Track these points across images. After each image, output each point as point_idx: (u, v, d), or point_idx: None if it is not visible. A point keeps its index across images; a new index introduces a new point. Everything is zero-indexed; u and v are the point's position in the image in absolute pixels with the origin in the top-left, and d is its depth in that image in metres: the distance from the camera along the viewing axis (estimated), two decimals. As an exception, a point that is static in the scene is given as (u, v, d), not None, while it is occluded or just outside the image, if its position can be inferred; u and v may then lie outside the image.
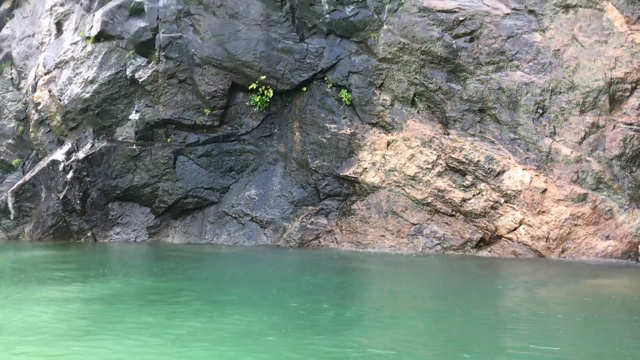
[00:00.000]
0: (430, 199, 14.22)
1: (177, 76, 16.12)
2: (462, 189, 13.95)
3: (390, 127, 14.95)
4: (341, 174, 15.21)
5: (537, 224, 13.13)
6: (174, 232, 16.68)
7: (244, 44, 15.74)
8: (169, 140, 16.45)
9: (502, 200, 13.54)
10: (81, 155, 16.62)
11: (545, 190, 13.21)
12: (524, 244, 13.24)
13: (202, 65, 15.94)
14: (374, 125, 15.15)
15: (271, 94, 15.78)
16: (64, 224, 16.61)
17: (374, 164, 14.95)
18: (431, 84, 14.56)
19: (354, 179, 15.10)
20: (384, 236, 14.47)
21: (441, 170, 14.21)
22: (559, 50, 13.74)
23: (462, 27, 14.36)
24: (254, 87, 15.82)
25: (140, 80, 16.26)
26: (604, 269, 11.19)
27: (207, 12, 16.01)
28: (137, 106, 16.56)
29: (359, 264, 12.20)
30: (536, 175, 13.37)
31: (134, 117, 16.56)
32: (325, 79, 15.63)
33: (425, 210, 14.29)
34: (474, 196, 13.82)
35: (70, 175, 16.43)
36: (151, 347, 5.85)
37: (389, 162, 14.78)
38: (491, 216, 13.62)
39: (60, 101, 17.01)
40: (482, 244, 13.64)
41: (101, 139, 16.78)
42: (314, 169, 15.54)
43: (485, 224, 13.67)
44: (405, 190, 14.52)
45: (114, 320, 6.95)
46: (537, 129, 13.67)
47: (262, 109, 16.18)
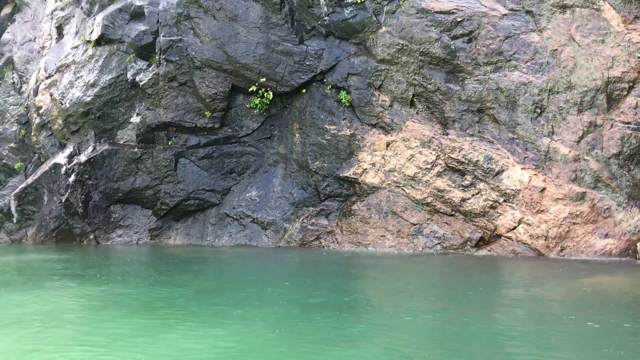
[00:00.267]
0: (429, 199, 14.32)
1: (178, 79, 16.23)
2: (461, 188, 14.05)
3: (389, 128, 15.05)
4: (341, 175, 15.31)
5: (536, 223, 13.22)
6: (176, 234, 16.79)
7: (243, 47, 15.85)
8: (170, 142, 16.56)
9: (501, 199, 13.63)
10: (83, 158, 16.73)
11: (544, 189, 13.30)
12: (523, 243, 13.33)
13: (202, 68, 16.05)
14: (374, 126, 15.25)
15: (271, 96, 15.89)
16: (67, 226, 16.72)
17: (373, 165, 15.04)
18: (430, 84, 14.66)
19: (354, 180, 15.20)
20: (384, 236, 14.57)
21: (440, 170, 14.31)
22: (556, 50, 13.84)
23: (460, 28, 14.46)
24: (254, 90, 15.92)
25: (141, 83, 16.37)
26: (602, 267, 11.27)
27: (207, 15, 16.12)
28: (138, 109, 16.67)
29: (360, 264, 12.29)
30: (535, 174, 13.46)
31: (135, 120, 16.68)
32: (324, 80, 15.74)
33: (425, 210, 14.39)
34: (473, 196, 13.91)
35: (72, 178, 16.55)
36: (151, 348, 5.95)
37: (388, 163, 14.88)
38: (490, 215, 13.71)
39: (61, 105, 17.12)
40: (481, 243, 13.74)
41: (103, 142, 16.90)
42: (314, 170, 15.64)
43: (484, 224, 13.77)
44: (405, 190, 14.62)
45: (111, 322, 7.04)
46: (535, 129, 13.76)
47: (262, 111, 16.29)
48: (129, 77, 16.54)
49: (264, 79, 15.79)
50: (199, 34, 16.16)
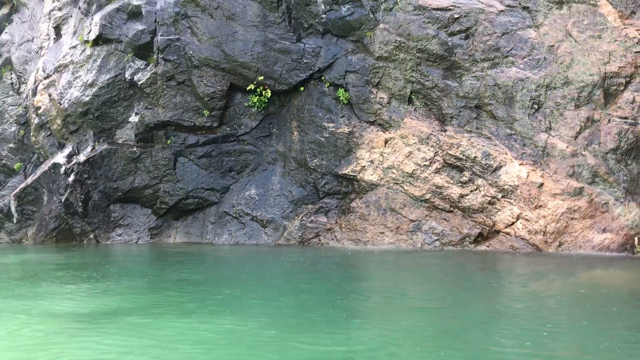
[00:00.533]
0: (428, 196, 14.37)
1: (176, 78, 16.26)
2: (459, 185, 14.09)
3: (387, 125, 15.09)
4: (340, 173, 15.36)
5: (534, 218, 13.27)
6: (176, 232, 16.84)
7: (241, 45, 15.88)
8: (168, 141, 16.60)
9: (500, 195, 13.68)
10: (82, 158, 16.78)
11: (541, 184, 13.34)
12: (522, 238, 13.38)
13: (200, 66, 16.08)
14: (372, 123, 15.29)
15: (269, 94, 15.93)
16: (67, 226, 16.77)
17: (372, 162, 15.09)
18: (427, 81, 14.70)
19: (352, 177, 15.25)
20: (383, 233, 14.62)
21: (439, 166, 14.35)
22: (553, 45, 13.87)
23: (457, 25, 14.49)
24: (252, 88, 15.96)
25: (139, 82, 16.40)
26: (600, 262, 11.32)
27: (204, 14, 16.15)
28: (137, 109, 16.71)
29: (358, 261, 12.34)
30: (533, 170, 13.51)
31: (134, 119, 16.71)
32: (322, 78, 15.77)
33: (423, 206, 14.44)
34: (471, 192, 13.96)
35: (71, 178, 16.59)
36: (150, 344, 6.00)
37: (387, 160, 14.93)
38: (489, 211, 13.76)
39: (60, 105, 17.16)
40: (480, 239, 13.79)
41: (101, 141, 16.94)
42: (312, 167, 15.69)
43: (483, 219, 13.82)
44: (403, 187, 14.67)
45: (111, 318, 7.10)
46: (532, 124, 13.80)
47: (260, 109, 16.33)
48: (127, 76, 16.57)
49: (261, 77, 15.83)
50: (196, 33, 16.18)
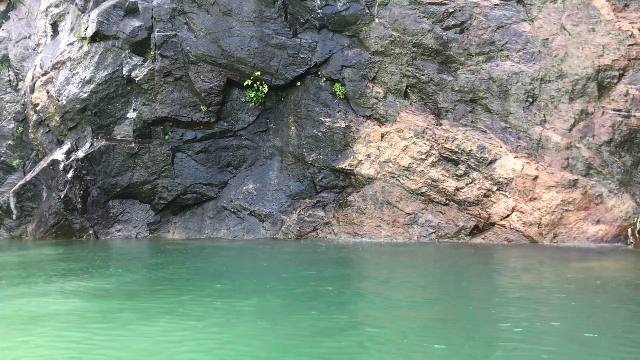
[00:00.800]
0: (424, 189, 14.50)
1: (173, 74, 16.35)
2: (455, 178, 14.22)
3: (383, 119, 15.20)
4: (337, 167, 15.47)
5: (529, 211, 13.41)
6: (174, 227, 16.96)
7: (237, 41, 15.96)
8: (166, 137, 16.70)
9: (495, 188, 13.81)
10: (81, 154, 16.88)
11: (536, 177, 13.47)
12: (517, 231, 13.52)
13: (197, 62, 16.16)
14: (368, 117, 15.40)
15: (266, 90, 16.03)
16: (66, 222, 16.89)
17: (368, 156, 15.20)
18: (423, 75, 14.80)
19: (349, 171, 15.37)
20: (380, 226, 14.76)
21: (434, 160, 14.47)
22: (547, 39, 13.97)
23: (452, 19, 14.58)
24: (249, 83, 16.05)
25: (136, 79, 16.49)
26: (594, 253, 11.46)
27: (201, 10, 16.22)
28: (135, 105, 16.80)
29: (355, 254, 12.47)
30: (527, 162, 13.63)
31: (132, 115, 16.81)
32: (318, 73, 15.87)
33: (419, 200, 14.57)
34: (467, 185, 14.09)
35: (70, 174, 16.70)
36: (147, 336, 6.12)
37: (383, 154, 15.04)
38: (484, 204, 13.90)
39: (58, 101, 17.24)
40: (475, 231, 13.93)
41: (100, 138, 17.03)
42: (310, 162, 15.80)
43: (478, 212, 13.95)
44: (399, 180, 14.79)
45: (111, 311, 7.21)
46: (527, 118, 13.91)
47: (257, 105, 16.42)
48: (124, 73, 16.65)
49: (258, 73, 15.92)
50: (193, 29, 16.26)
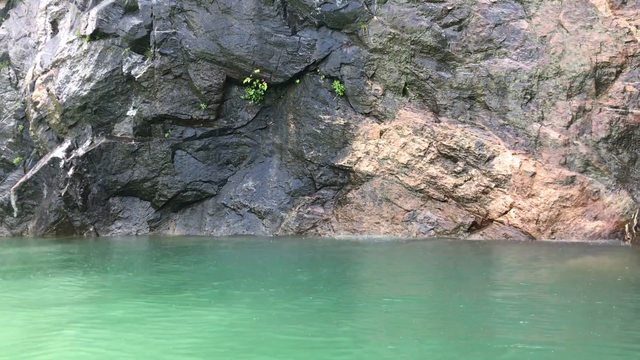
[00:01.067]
0: (423, 186, 14.57)
1: (173, 72, 16.40)
2: (453, 175, 14.30)
3: (382, 117, 15.27)
4: (336, 164, 15.55)
5: (527, 207, 13.49)
6: (174, 225, 17.04)
7: (237, 39, 16.02)
8: (166, 135, 16.77)
9: (493, 184, 13.88)
10: (81, 152, 16.95)
11: (534, 173, 13.55)
12: (515, 227, 13.60)
13: (197, 60, 16.22)
14: (367, 115, 15.47)
15: (265, 87, 16.09)
16: (67, 219, 16.97)
17: (367, 153, 15.28)
18: (422, 73, 14.86)
19: (348, 169, 15.44)
20: (379, 223, 14.84)
21: (433, 157, 14.55)
22: (545, 36, 14.03)
23: (451, 16, 14.64)
24: (248, 81, 16.11)
25: (136, 77, 16.55)
26: (591, 249, 11.54)
27: (200, 7, 16.27)
28: (134, 102, 16.87)
29: (354, 251, 12.55)
30: (525, 159, 13.71)
31: (132, 113, 16.88)
32: (317, 70, 15.93)
33: (418, 196, 14.65)
34: (465, 182, 14.17)
35: (70, 172, 16.77)
36: (145, 333, 6.20)
37: (382, 151, 15.12)
38: (482, 201, 13.98)
39: (58, 99, 17.30)
40: (474, 227, 14.01)
41: (100, 135, 17.10)
42: (309, 159, 15.87)
43: (477, 209, 14.03)
44: (398, 177, 14.87)
45: (109, 308, 7.29)
46: (525, 115, 13.98)
47: (257, 102, 16.49)
48: (124, 70, 16.71)
49: (258, 70, 15.98)
50: (192, 27, 16.31)
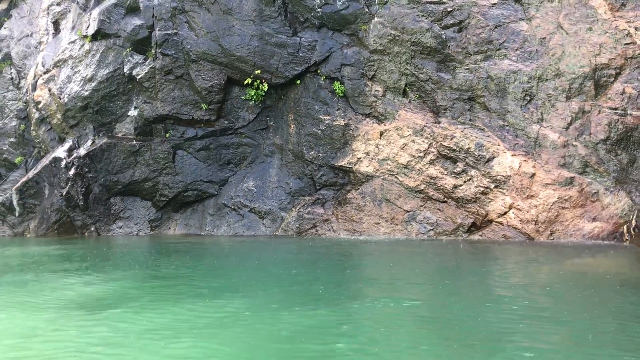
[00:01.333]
0: (422, 187, 14.64)
1: (174, 72, 16.48)
2: (453, 175, 14.36)
3: (382, 117, 15.33)
4: (336, 164, 15.61)
5: (526, 208, 13.55)
6: (175, 224, 17.12)
7: (238, 39, 16.09)
8: (167, 135, 16.84)
9: (492, 185, 13.94)
10: (82, 152, 17.02)
11: (533, 175, 13.61)
12: (514, 228, 13.66)
13: (198, 61, 16.29)
14: (367, 115, 15.53)
15: (266, 88, 16.16)
16: (68, 219, 17.05)
17: (367, 154, 15.34)
18: (422, 74, 14.92)
19: (348, 169, 15.51)
20: (379, 223, 14.91)
21: (433, 158, 14.61)
22: (545, 38, 14.08)
23: (451, 18, 14.70)
24: (249, 82, 16.18)
25: (137, 77, 16.62)
26: (589, 250, 11.59)
27: (201, 8, 16.34)
28: (136, 103, 16.94)
29: (353, 251, 12.61)
30: (525, 160, 13.77)
31: (133, 113, 16.95)
32: (318, 71, 15.99)
33: (418, 197, 14.71)
34: (465, 182, 14.23)
35: (72, 171, 16.85)
36: (145, 329, 6.28)
37: (382, 152, 15.18)
38: (482, 201, 14.03)
39: (60, 99, 17.38)
40: (473, 228, 14.07)
41: (101, 135, 17.18)
42: (309, 160, 15.94)
43: (476, 209, 14.09)
44: (398, 178, 14.93)
45: (109, 306, 7.37)
46: (525, 116, 14.04)
47: (257, 103, 16.56)
48: (125, 71, 16.79)
49: (258, 71, 16.05)
50: (194, 28, 16.38)
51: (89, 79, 17.05)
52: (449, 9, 14.70)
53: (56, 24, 19.25)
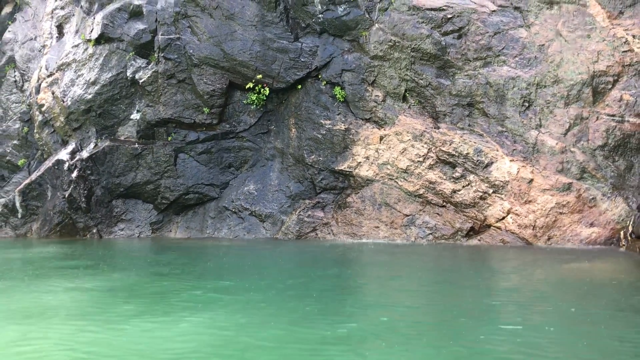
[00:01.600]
0: (422, 191, 14.77)
1: (176, 76, 16.64)
2: (452, 180, 14.49)
3: (382, 122, 15.48)
4: (336, 169, 15.76)
5: (524, 213, 13.67)
6: (176, 227, 17.25)
7: (240, 44, 16.25)
8: (169, 138, 16.99)
9: (491, 190, 14.07)
10: (85, 154, 17.18)
11: (531, 180, 13.74)
12: (512, 233, 13.79)
13: (200, 65, 16.46)
14: (367, 120, 15.68)
15: (267, 92, 16.32)
16: (70, 221, 17.19)
17: (367, 158, 15.49)
18: (421, 79, 15.07)
19: (348, 173, 15.65)
20: (378, 227, 15.04)
21: (432, 163, 14.75)
22: (543, 45, 14.24)
23: (451, 25, 14.86)
24: (251, 86, 16.34)
25: (140, 81, 16.79)
26: (586, 255, 11.70)
27: (204, 13, 16.52)
28: (138, 106, 17.11)
29: (353, 255, 12.73)
30: (523, 166, 13.90)
31: (135, 116, 17.11)
32: (319, 76, 16.15)
33: (417, 201, 14.84)
34: (463, 187, 14.36)
35: (75, 174, 17.00)
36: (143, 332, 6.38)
37: (382, 156, 15.32)
38: (480, 206, 14.16)
39: (63, 102, 17.54)
40: (472, 233, 14.20)
41: (104, 138, 17.34)
42: (310, 164, 16.08)
43: (474, 214, 14.22)
44: (398, 182, 15.07)
45: (108, 308, 7.47)
46: (523, 122, 14.18)
47: (259, 107, 16.71)
48: (128, 74, 16.95)
49: (260, 76, 16.21)
50: (196, 32, 16.55)
51: (92, 83, 17.22)
52: (449, 16, 14.86)
53: (60, 28, 19.42)
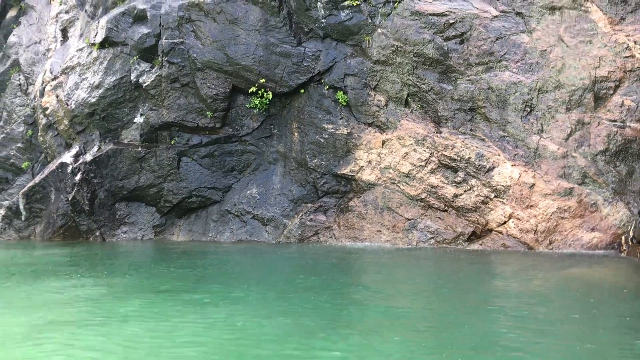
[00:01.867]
0: (423, 195, 14.82)
1: (180, 80, 16.74)
2: (454, 185, 14.54)
3: (385, 127, 15.55)
4: (339, 172, 15.82)
5: (525, 218, 13.71)
6: (179, 230, 17.32)
7: (243, 49, 16.35)
8: (172, 142, 17.08)
9: (492, 195, 14.12)
10: (88, 157, 17.27)
11: (533, 185, 13.78)
12: (514, 237, 13.83)
13: (204, 69, 16.55)
14: (370, 125, 15.75)
15: (270, 97, 16.40)
16: (73, 224, 17.26)
17: (370, 162, 15.55)
18: (424, 84, 15.14)
19: (351, 177, 15.71)
20: (380, 231, 15.09)
21: (434, 167, 14.81)
22: (545, 50, 14.30)
23: (453, 30, 14.93)
24: (254, 90, 16.43)
25: (144, 84, 16.88)
26: (587, 260, 11.74)
27: (208, 18, 16.62)
28: (142, 110, 17.20)
29: (353, 259, 12.77)
30: (525, 170, 13.95)
31: (139, 120, 17.20)
32: (322, 81, 16.23)
33: (419, 205, 14.89)
34: (465, 192, 14.41)
35: (78, 177, 17.08)
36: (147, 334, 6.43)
37: (384, 160, 15.38)
38: (482, 211, 14.21)
39: (67, 106, 17.65)
40: (473, 237, 14.23)
41: (107, 141, 17.43)
42: (312, 167, 16.15)
43: (476, 218, 14.26)
44: (399, 187, 15.12)
45: (108, 309, 7.53)
46: (525, 127, 14.24)
47: (262, 111, 16.79)
48: (132, 78, 17.06)
49: (263, 80, 16.29)
50: (200, 37, 16.65)
51: (96, 86, 17.32)
52: (451, 21, 14.94)
53: (64, 32, 19.55)
